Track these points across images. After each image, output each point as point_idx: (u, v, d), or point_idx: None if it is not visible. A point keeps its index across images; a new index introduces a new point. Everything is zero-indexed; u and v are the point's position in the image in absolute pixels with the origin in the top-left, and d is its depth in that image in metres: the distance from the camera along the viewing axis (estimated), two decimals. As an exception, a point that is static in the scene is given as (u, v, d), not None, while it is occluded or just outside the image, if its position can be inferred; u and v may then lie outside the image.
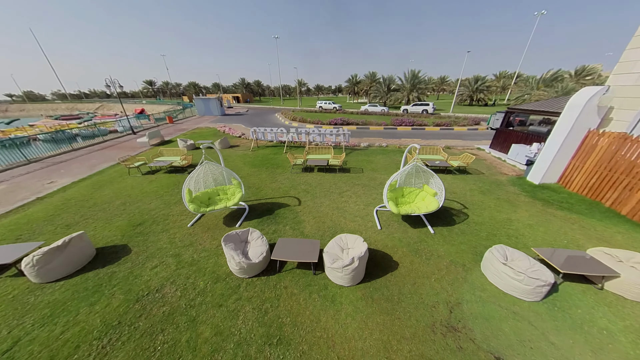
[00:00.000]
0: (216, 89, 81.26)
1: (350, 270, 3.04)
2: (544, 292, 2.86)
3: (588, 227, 4.55)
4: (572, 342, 2.48)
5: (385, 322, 2.71)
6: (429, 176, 4.73)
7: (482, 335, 2.55)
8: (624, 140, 4.88)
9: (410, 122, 18.09)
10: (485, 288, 3.17)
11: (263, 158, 9.40)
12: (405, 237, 4.26)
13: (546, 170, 6.19)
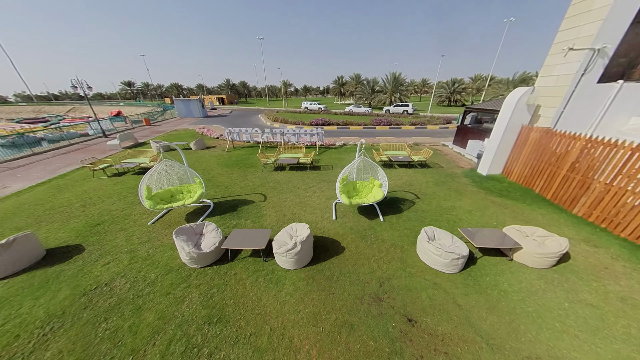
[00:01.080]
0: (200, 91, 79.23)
1: (293, 254, 3.32)
2: (459, 264, 3.30)
3: (518, 211, 5.16)
4: (475, 302, 2.91)
5: (320, 297, 3.01)
6: (376, 169, 5.14)
7: (402, 303, 2.92)
8: (547, 134, 5.58)
9: (388, 122, 18.86)
10: (415, 265, 3.57)
11: (237, 158, 9.51)
12: (356, 226, 4.62)
13: (491, 162, 6.86)
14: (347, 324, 2.65)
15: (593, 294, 3.00)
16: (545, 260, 3.35)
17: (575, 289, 3.09)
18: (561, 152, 5.21)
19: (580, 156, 4.77)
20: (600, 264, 3.54)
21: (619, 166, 4.11)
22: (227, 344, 2.46)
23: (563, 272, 3.37)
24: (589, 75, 5.24)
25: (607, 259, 3.63)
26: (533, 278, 3.28)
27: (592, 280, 3.23)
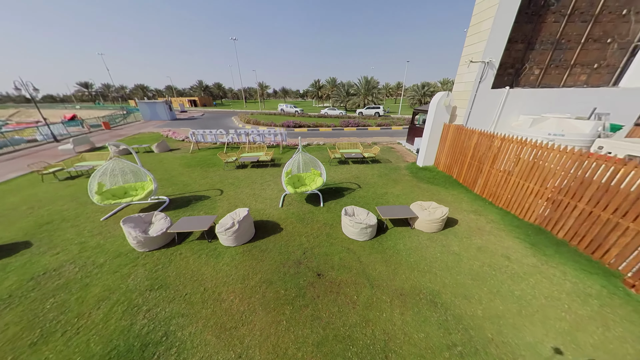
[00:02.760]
0: (169, 92, 75.24)
1: (232, 232, 3.92)
2: (368, 232, 4.16)
3: (436, 193, 6.28)
4: (373, 259, 3.77)
5: (251, 264, 3.65)
6: (315, 162, 5.92)
7: (316, 264, 3.67)
8: (459, 130, 6.83)
9: (356, 123, 20.10)
10: (337, 237, 4.37)
11: (201, 159, 9.75)
12: (298, 211, 5.34)
13: (424, 155, 8.08)
14: (267, 281, 3.33)
15: (460, 247, 4.03)
16: (433, 225, 4.35)
17: (450, 244, 4.11)
18: (467, 144, 6.45)
19: (476, 147, 6.02)
20: (476, 226, 4.65)
21: (496, 153, 5.34)
22: (165, 302, 2.99)
23: (447, 234, 4.40)
24: (484, 82, 6.59)
25: (483, 223, 4.77)
26: (423, 239, 4.25)
27: (464, 238, 4.29)
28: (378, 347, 2.45)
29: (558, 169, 3.99)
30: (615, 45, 6.68)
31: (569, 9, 6.23)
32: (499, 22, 5.84)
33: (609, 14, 6.33)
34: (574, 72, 7.02)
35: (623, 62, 6.87)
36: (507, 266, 3.55)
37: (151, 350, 2.45)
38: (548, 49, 6.71)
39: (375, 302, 2.97)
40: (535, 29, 6.46)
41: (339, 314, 2.83)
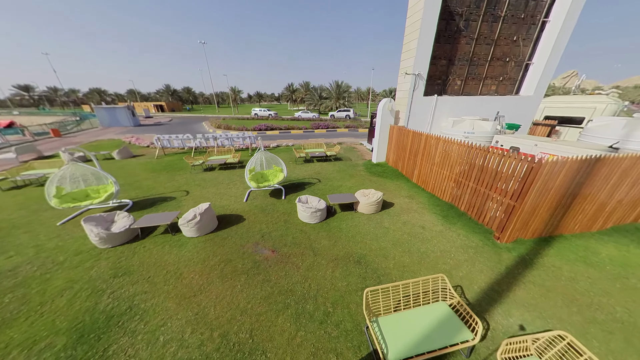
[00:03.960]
0: (132, 97, 69.56)
1: (194, 223, 4.37)
2: (318, 215, 4.92)
3: (383, 184, 7.35)
4: (320, 236, 4.53)
5: (213, 249, 4.15)
6: (277, 159, 6.61)
7: (272, 243, 4.31)
8: (400, 130, 8.08)
9: (326, 126, 21.24)
10: (294, 222, 5.06)
11: (167, 164, 9.74)
12: (261, 204, 5.93)
13: (377, 153, 9.25)
14: (226, 260, 3.87)
15: (390, 222, 5.01)
16: (371, 207, 5.29)
17: (383, 221, 5.07)
18: (406, 142, 7.69)
19: (412, 144, 7.25)
20: (407, 207, 5.72)
21: (423, 148, 6.58)
22: (129, 285, 3.36)
23: (382, 214, 5.37)
24: (417, 91, 7.95)
25: (413, 204, 5.88)
26: (363, 219, 5.15)
27: (395, 216, 5.30)
28: (311, 294, 3.18)
29: (458, 158, 5.22)
30: (513, 63, 8.59)
31: (475, 34, 7.92)
32: (422, 43, 7.22)
33: (505, 39, 8.18)
34: (486, 83, 8.80)
35: (520, 76, 8.83)
36: (421, 233, 4.59)
37: (116, 320, 2.84)
38: (465, 64, 8.36)
39: (315, 266, 3.71)
40: (453, 48, 8.04)
41: (286, 276, 3.51)
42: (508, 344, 2.05)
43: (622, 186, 3.96)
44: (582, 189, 3.83)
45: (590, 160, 3.51)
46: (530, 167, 3.54)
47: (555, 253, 3.92)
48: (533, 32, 8.10)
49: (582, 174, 3.64)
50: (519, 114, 8.80)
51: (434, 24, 7.08)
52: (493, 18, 7.74)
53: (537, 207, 3.85)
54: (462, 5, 7.43)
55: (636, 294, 3.12)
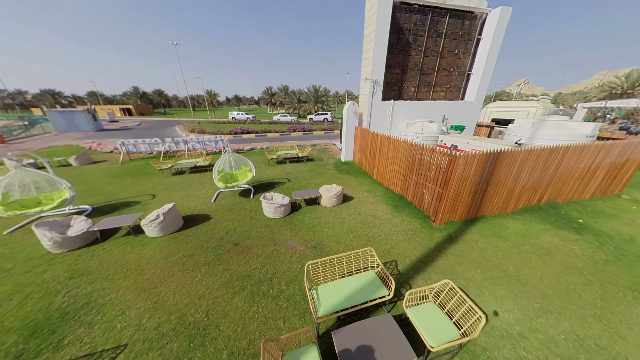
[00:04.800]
0: (94, 100, 63.83)
1: (157, 223, 4.49)
2: (282, 210, 5.32)
3: (347, 180, 7.97)
4: (283, 229, 4.91)
5: (176, 246, 4.32)
6: (245, 160, 6.90)
7: (236, 238, 4.60)
8: (363, 131, 8.83)
9: (302, 128, 21.74)
10: (259, 218, 5.39)
11: (132, 169, 9.42)
12: (230, 204, 6.15)
13: (345, 152, 9.93)
14: (189, 255, 4.09)
15: (347, 213, 5.58)
16: (332, 200, 5.83)
17: (341, 212, 5.62)
18: (367, 142, 8.44)
19: (371, 144, 8.00)
20: (365, 200, 6.35)
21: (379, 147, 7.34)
22: (86, 284, 3.44)
23: (342, 207, 5.93)
24: (376, 95, 8.79)
25: (370, 197, 6.54)
26: (325, 212, 5.66)
27: (353, 207, 5.89)
28: (268, 276, 3.55)
29: (404, 155, 5.99)
30: (456, 73, 9.86)
31: (423, 47, 9.01)
32: (377, 54, 8.07)
33: (448, 52, 9.40)
34: (436, 90, 9.97)
35: (463, 84, 10.14)
36: (372, 221, 5.21)
37: (72, 315, 2.95)
38: (416, 73, 9.43)
39: (274, 254, 4.09)
40: (405, 59, 9.05)
41: (245, 264, 3.84)
42: (410, 294, 2.63)
43: (523, 174, 4.96)
44: (492, 177, 4.73)
45: (493, 153, 4.39)
46: (450, 160, 4.33)
47: (476, 230, 4.77)
48: (470, 47, 9.44)
49: (490, 165, 4.52)
50: (464, 116, 10.10)
51: (386, 37, 7.97)
52: (437, 34, 8.90)
53: (460, 193, 4.66)
54: (410, 22, 8.46)
55: (525, 257, 3.99)
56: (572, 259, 3.91)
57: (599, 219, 5.26)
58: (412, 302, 2.67)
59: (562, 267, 3.72)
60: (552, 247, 4.23)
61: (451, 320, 2.42)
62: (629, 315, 2.87)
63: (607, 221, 5.15)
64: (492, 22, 8.79)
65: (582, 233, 4.66)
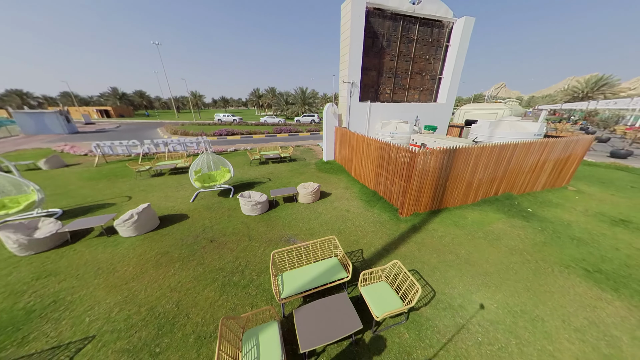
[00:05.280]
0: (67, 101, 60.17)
1: (130, 223, 4.52)
2: (259, 208, 5.50)
3: (327, 179, 8.27)
4: (259, 225, 5.09)
5: (150, 245, 4.37)
6: (223, 161, 7.01)
7: (212, 235, 4.72)
8: (342, 131, 9.19)
9: (288, 130, 21.90)
10: (237, 216, 5.53)
11: (108, 172, 9.16)
12: (208, 203, 6.23)
13: (326, 152, 10.24)
14: (163, 252, 4.17)
15: (324, 209, 5.85)
16: (309, 197, 6.08)
17: (318, 208, 5.89)
18: (346, 141, 8.80)
19: (349, 143, 8.37)
20: (341, 196, 6.67)
21: (355, 146, 7.71)
22: (54, 283, 3.44)
23: (319, 203, 6.20)
24: (353, 97, 9.20)
25: (347, 193, 6.87)
26: (302, 208, 5.90)
27: (329, 203, 6.17)
28: (240, 268, 3.73)
29: (376, 153, 6.38)
30: (428, 77, 10.52)
31: (396, 52, 9.57)
32: (352, 57, 8.49)
33: (420, 58, 10.02)
34: (410, 92, 10.57)
35: (435, 87, 10.82)
36: (345, 215, 5.52)
37: (38, 313, 2.97)
38: (391, 77, 9.97)
39: (248, 248, 4.27)
40: (381, 63, 9.56)
41: (219, 259, 3.98)
42: (364, 275, 2.93)
43: (479, 168, 5.49)
44: (451, 172, 5.21)
45: (450, 150, 4.85)
46: (411, 156, 4.74)
47: (438, 220, 5.21)
48: (440, 53, 10.13)
49: (448, 160, 4.98)
50: (436, 117, 10.77)
51: (361, 41, 8.41)
52: (408, 40, 9.49)
53: (422, 187, 5.09)
54: (383, 28, 8.97)
55: (477, 242, 4.44)
56: (516, 242, 4.42)
57: (546, 207, 5.90)
58: (366, 282, 2.97)
59: (506, 250, 4.20)
60: (501, 233, 4.74)
61: (397, 295, 2.74)
62: (552, 286, 3.35)
63: (552, 209, 5.80)
64: (458, 31, 9.51)
65: (529, 220, 5.24)
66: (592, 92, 39.14)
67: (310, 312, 2.55)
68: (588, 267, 3.74)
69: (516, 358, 2.39)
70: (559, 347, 2.49)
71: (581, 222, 5.16)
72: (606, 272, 3.62)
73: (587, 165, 10.26)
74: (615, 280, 3.44)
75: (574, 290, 3.26)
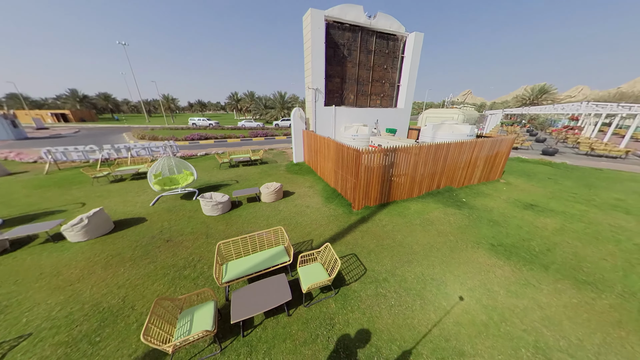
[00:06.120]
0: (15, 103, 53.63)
1: (80, 227, 4.46)
2: (219, 208, 5.68)
3: (294, 179, 8.65)
4: (219, 224, 5.30)
5: (102, 248, 4.36)
6: (186, 164, 7.08)
7: (169, 234, 4.82)
8: (309, 134, 9.69)
9: (264, 134, 22.00)
10: (197, 217, 5.66)
11: (60, 179, 8.61)
12: (170, 206, 6.24)
13: (296, 154, 10.66)
14: (115, 254, 4.20)
15: (285, 206, 6.21)
16: (271, 196, 6.40)
17: (279, 206, 6.23)
18: (311, 143, 9.30)
19: (314, 144, 8.88)
20: (304, 194, 7.09)
21: (319, 147, 8.23)
22: (-12, 290, 3.34)
23: (282, 201, 6.54)
24: (318, 102, 9.79)
25: (310, 192, 7.30)
26: (264, 206, 6.19)
27: (291, 201, 6.55)
28: (192, 263, 3.92)
29: (335, 153, 6.93)
30: (387, 84, 11.51)
31: (357, 61, 10.40)
32: (315, 65, 9.09)
33: (379, 67, 10.97)
34: (372, 98, 11.46)
35: (394, 94, 11.85)
36: (304, 211, 5.93)
37: (-31, 319, 2.91)
38: (354, 83, 10.76)
39: (204, 245, 4.46)
40: (343, 70, 10.30)
41: (173, 256, 4.13)
42: (301, 257, 3.34)
43: (419, 165, 6.28)
44: (395, 168, 5.90)
45: (390, 148, 5.54)
46: (356, 155, 5.32)
47: (385, 212, 5.85)
48: (397, 63, 11.20)
49: (390, 158, 5.66)
50: (397, 121, 11.79)
51: (322, 51, 9.06)
52: (367, 51, 10.39)
53: (370, 182, 5.70)
54: (343, 39, 9.75)
55: (413, 228, 5.11)
56: (445, 227, 5.17)
57: (478, 197, 6.88)
58: (304, 264, 3.38)
59: (435, 233, 4.91)
60: (435, 220, 5.49)
61: (326, 271, 3.19)
62: (462, 258, 4.06)
63: (482, 199, 6.78)
64: (410, 44, 10.64)
65: (461, 208, 6.10)
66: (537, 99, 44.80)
67: (248, 291, 2.88)
68: (494, 242, 4.55)
69: (417, 314, 2.95)
70: (452, 302, 3.11)
71: (501, 208, 6.15)
72: (506, 245, 4.45)
73: (521, 161, 11.94)
74: (510, 251, 4.26)
75: (477, 260, 3.99)
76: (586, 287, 3.45)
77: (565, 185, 8.24)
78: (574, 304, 3.14)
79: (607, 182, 8.72)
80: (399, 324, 2.80)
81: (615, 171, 10.53)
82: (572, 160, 12.68)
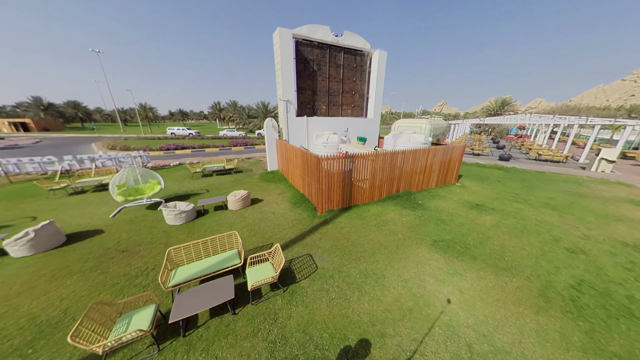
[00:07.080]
0: (-35, 111, 48.50)
1: (25, 241, 4.29)
2: (183, 217, 5.70)
3: (266, 187, 8.83)
4: (181, 233, 5.30)
5: (49, 262, 4.21)
6: (152, 174, 7.04)
7: (126, 245, 4.76)
8: (281, 143, 10.02)
9: (244, 143, 22.01)
10: (160, 227, 5.62)
11: (10, 192, 8.04)
12: (132, 217, 6.12)
13: (270, 163, 10.89)
14: (63, 267, 4.08)
15: (252, 213, 6.36)
16: (238, 204, 6.53)
17: (246, 213, 6.36)
18: (283, 152, 9.62)
19: (286, 153, 9.20)
20: (273, 201, 7.29)
21: (289, 155, 8.57)
22: None
23: (249, 209, 6.67)
24: (290, 113, 10.23)
25: (279, 198, 7.52)
26: (230, 214, 6.29)
27: (258, 208, 6.72)
28: (146, 272, 3.93)
29: (302, 161, 7.29)
30: (357, 96, 12.31)
31: (327, 74, 11.10)
32: (285, 79, 9.59)
33: (348, 79, 11.76)
34: (344, 108, 12.17)
35: (364, 104, 12.67)
36: (270, 217, 6.13)
37: None
38: (325, 95, 11.41)
39: (161, 254, 4.47)
40: (314, 83, 10.92)
41: (127, 266, 4.11)
42: (250, 259, 3.55)
43: (377, 171, 6.82)
44: (356, 174, 6.37)
45: (348, 155, 6.00)
46: (317, 161, 5.71)
47: (346, 215, 6.23)
48: (365, 76, 12.11)
49: (349, 165, 6.12)
50: (367, 130, 12.56)
51: (292, 66, 9.61)
52: (336, 65, 11.16)
53: (331, 187, 6.09)
54: (313, 55, 10.43)
55: (368, 229, 5.52)
56: (397, 227, 5.64)
57: (433, 200, 7.54)
58: (253, 265, 3.59)
59: (388, 232, 5.35)
60: (390, 220, 5.96)
61: (275, 270, 3.42)
62: (404, 254, 4.49)
63: (436, 201, 7.45)
64: (376, 60, 11.61)
65: (416, 210, 6.67)
66: (500, 110, 49.50)
67: (192, 293, 3.02)
68: (436, 238, 5.07)
69: (354, 305, 3.25)
70: (386, 292, 3.47)
71: (450, 209, 6.81)
72: (446, 240, 4.99)
73: (479, 166, 13.18)
74: (448, 245, 4.78)
75: (417, 255, 4.44)
76: (503, 273, 4.00)
77: (510, 186, 9.27)
78: (489, 287, 3.64)
79: (545, 183, 9.95)
80: (335, 314, 3.08)
81: (554, 174, 12.01)
82: (522, 165, 14.22)
